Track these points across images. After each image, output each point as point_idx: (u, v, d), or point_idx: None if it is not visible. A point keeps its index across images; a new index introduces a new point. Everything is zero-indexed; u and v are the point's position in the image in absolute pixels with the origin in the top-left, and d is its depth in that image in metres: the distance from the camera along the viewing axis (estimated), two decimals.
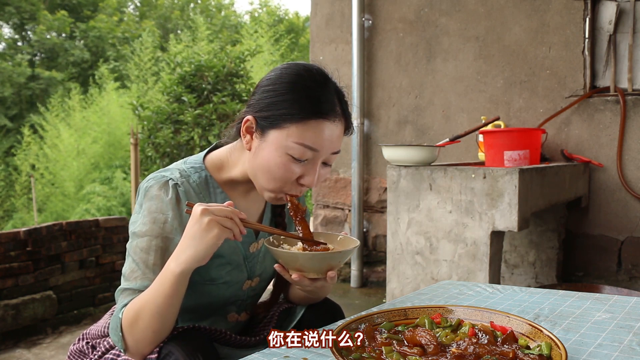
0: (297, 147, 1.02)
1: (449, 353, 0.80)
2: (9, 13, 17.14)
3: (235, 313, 1.23)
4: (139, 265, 1.04)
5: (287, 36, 15.26)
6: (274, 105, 1.04)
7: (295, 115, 1.02)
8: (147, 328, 0.99)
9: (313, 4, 4.07)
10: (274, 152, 1.04)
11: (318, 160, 1.06)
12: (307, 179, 1.06)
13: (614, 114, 3.03)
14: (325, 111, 1.05)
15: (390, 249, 2.34)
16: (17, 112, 16.04)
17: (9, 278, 2.98)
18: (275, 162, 1.04)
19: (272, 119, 1.04)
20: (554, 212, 3.01)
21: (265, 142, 1.05)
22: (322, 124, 1.04)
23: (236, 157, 1.14)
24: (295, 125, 1.02)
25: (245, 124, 1.08)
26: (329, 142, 1.06)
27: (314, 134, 1.03)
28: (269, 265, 1.24)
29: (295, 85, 1.04)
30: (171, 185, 1.07)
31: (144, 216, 1.05)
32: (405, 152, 2.31)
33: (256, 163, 1.07)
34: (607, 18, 3.07)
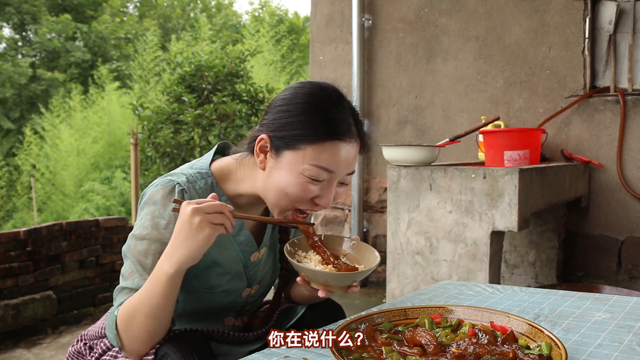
0: (313, 169, 1.02)
1: (449, 353, 0.80)
2: (9, 13, 17.14)
3: (232, 317, 1.23)
4: (136, 267, 1.04)
5: (288, 36, 15.27)
6: (289, 125, 1.03)
7: (310, 136, 1.01)
8: (142, 328, 0.99)
9: (313, 4, 4.07)
10: (290, 174, 1.03)
11: (334, 181, 1.06)
12: (323, 200, 1.06)
13: (614, 114, 3.03)
14: (341, 132, 1.04)
15: (390, 249, 2.34)
16: (19, 113, 16.05)
17: (9, 278, 2.98)
18: (292, 183, 1.03)
19: (288, 140, 1.03)
20: (554, 212, 3.01)
21: (280, 163, 1.04)
22: (338, 145, 1.03)
23: (245, 173, 1.12)
24: (311, 146, 1.01)
25: (259, 143, 1.06)
26: (345, 164, 1.05)
27: (329, 156, 1.02)
28: (269, 272, 1.24)
29: (310, 106, 1.04)
30: (177, 190, 1.06)
31: (145, 220, 1.05)
32: (405, 152, 2.31)
33: (270, 182, 1.06)
34: (607, 18, 3.07)
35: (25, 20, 17.65)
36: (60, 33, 17.47)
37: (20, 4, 16.93)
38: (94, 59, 17.40)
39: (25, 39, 18.44)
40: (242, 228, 1.15)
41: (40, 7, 17.34)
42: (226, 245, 1.12)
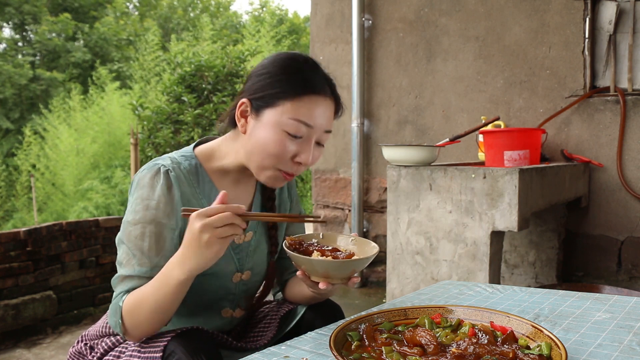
0: (292, 123, 1.06)
1: (449, 353, 0.80)
2: (9, 14, 17.14)
3: (229, 308, 1.23)
4: (134, 252, 1.06)
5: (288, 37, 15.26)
6: (268, 85, 1.08)
7: (289, 92, 1.07)
8: (146, 320, 1.02)
9: (313, 4, 4.07)
10: (270, 130, 1.07)
11: (312, 138, 1.09)
12: (303, 156, 1.09)
13: (614, 114, 3.03)
14: (318, 89, 1.09)
15: (390, 249, 2.34)
16: (19, 114, 16.04)
17: (9, 278, 2.98)
18: (271, 140, 1.07)
19: (267, 98, 1.08)
20: (554, 212, 3.01)
21: (260, 122, 1.08)
22: (316, 100, 1.08)
23: (227, 147, 1.17)
24: (290, 102, 1.06)
25: (240, 108, 1.11)
26: (322, 119, 1.10)
27: (307, 110, 1.07)
28: (261, 259, 1.25)
29: (288, 67, 1.09)
30: (163, 171, 1.09)
31: (136, 204, 1.07)
32: (405, 152, 2.30)
33: (252, 143, 1.10)
34: (607, 18, 3.07)
35: (26, 21, 17.65)
36: (60, 33, 17.46)
37: (21, 4, 16.92)
38: (94, 59, 17.40)
39: (26, 39, 18.43)
40: None
41: (41, 7, 17.34)
42: None
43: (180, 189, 1.10)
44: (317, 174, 4.11)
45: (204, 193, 1.14)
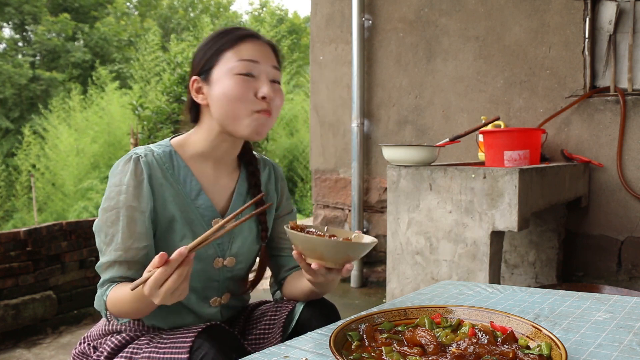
0: (239, 64, 1.13)
1: (449, 353, 0.80)
2: (9, 14, 17.13)
3: (216, 297, 1.25)
4: (109, 238, 1.10)
5: (288, 37, 15.26)
6: (207, 51, 1.17)
7: (226, 43, 1.15)
8: (127, 315, 1.10)
9: (313, 4, 4.07)
10: (225, 80, 1.13)
11: (263, 73, 1.15)
12: (263, 89, 1.13)
13: (614, 114, 3.03)
14: (251, 34, 1.18)
15: (390, 249, 2.34)
16: (18, 113, 16.04)
17: (9, 278, 2.98)
18: (229, 87, 1.12)
19: (210, 61, 1.15)
20: (554, 212, 3.01)
21: (214, 83, 1.14)
22: (252, 41, 1.17)
23: (199, 132, 1.21)
24: (230, 50, 1.14)
25: (193, 87, 1.18)
26: (265, 55, 1.17)
27: (248, 50, 1.15)
28: (246, 246, 1.26)
29: (220, 31, 1.19)
30: (133, 158, 1.13)
31: (109, 192, 1.12)
32: (405, 152, 2.30)
33: (216, 105, 1.14)
34: (607, 18, 3.07)
35: (26, 21, 17.64)
36: (60, 33, 17.45)
37: (21, 4, 16.92)
38: (94, 59, 17.39)
39: (26, 39, 18.43)
40: (200, 192, 1.19)
41: (41, 7, 17.34)
42: (185, 207, 1.17)
43: (151, 172, 1.13)
44: (317, 174, 4.11)
45: (179, 177, 1.17)
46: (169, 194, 1.14)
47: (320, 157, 4.09)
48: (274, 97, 1.16)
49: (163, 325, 1.21)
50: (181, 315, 1.21)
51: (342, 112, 3.96)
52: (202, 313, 1.23)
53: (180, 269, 0.92)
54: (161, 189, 1.14)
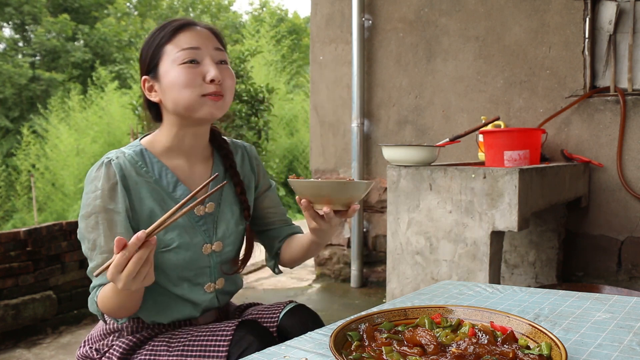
0: (181, 53, 1.14)
1: (449, 353, 0.80)
2: (9, 14, 17.13)
3: (210, 282, 1.26)
4: (93, 243, 1.13)
5: (288, 37, 15.26)
6: (149, 49, 1.19)
7: (164, 37, 1.17)
8: (118, 312, 1.11)
9: (313, 4, 4.07)
10: (171, 73, 1.15)
11: (206, 57, 1.16)
12: (210, 73, 1.15)
13: (614, 114, 3.03)
14: (187, 23, 1.19)
15: (390, 249, 2.34)
16: (19, 113, 16.04)
17: (9, 278, 2.98)
18: (177, 76, 1.14)
19: (154, 57, 1.18)
20: (554, 212, 3.01)
21: (162, 77, 1.17)
22: (189, 28, 1.18)
23: (163, 129, 1.23)
24: (170, 43, 1.16)
25: (144, 86, 1.21)
26: (204, 39, 1.18)
27: (186, 38, 1.16)
28: (230, 229, 1.27)
29: (155, 28, 1.21)
30: (105, 162, 1.15)
31: (86, 199, 1.14)
32: (405, 152, 2.30)
33: (169, 97, 1.16)
34: (607, 18, 3.07)
35: (26, 21, 17.64)
36: (60, 33, 17.45)
37: (21, 4, 16.92)
38: (94, 59, 17.39)
39: (26, 39, 18.43)
40: (178, 183, 1.21)
41: (40, 7, 17.34)
42: (164, 200, 1.18)
43: (124, 173, 1.15)
44: (317, 174, 4.11)
45: (154, 172, 1.19)
46: (145, 190, 1.16)
47: (320, 157, 4.09)
48: (223, 78, 1.17)
49: (163, 320, 1.22)
50: (178, 306, 1.23)
51: (342, 112, 3.96)
52: (199, 300, 1.24)
53: (139, 253, 0.93)
54: (136, 187, 1.16)
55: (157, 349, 1.16)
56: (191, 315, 1.24)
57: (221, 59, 1.19)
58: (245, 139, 7.20)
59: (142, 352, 1.17)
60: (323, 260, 4.17)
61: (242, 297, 3.80)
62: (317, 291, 3.94)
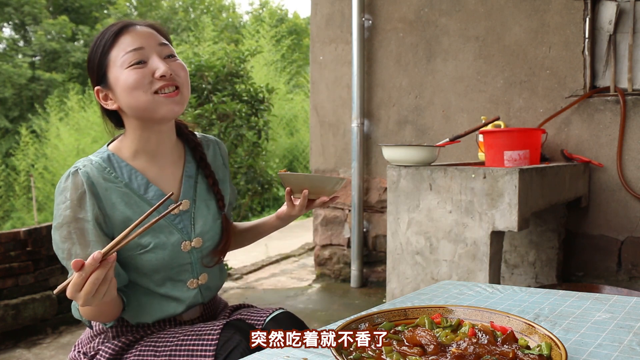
0: (126, 56, 1.14)
1: (449, 353, 0.80)
2: (9, 14, 17.14)
3: (192, 279, 1.26)
4: (67, 253, 1.13)
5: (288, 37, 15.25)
6: (95, 58, 1.18)
7: (106, 44, 1.16)
8: (100, 318, 1.14)
9: (313, 4, 4.07)
10: (121, 78, 1.14)
11: (152, 54, 1.16)
12: (160, 70, 1.14)
13: (614, 114, 3.03)
14: (124, 26, 1.18)
15: (390, 249, 2.34)
16: (18, 113, 16.04)
17: (9, 278, 2.98)
18: (127, 79, 1.13)
19: (101, 67, 1.17)
20: (554, 212, 3.01)
21: (113, 84, 1.16)
22: (129, 30, 1.17)
23: (127, 136, 1.23)
24: (113, 49, 1.15)
25: (98, 96, 1.20)
26: (146, 38, 1.17)
27: (128, 41, 1.15)
28: (208, 224, 1.27)
29: (96, 37, 1.20)
30: (72, 172, 1.15)
31: (56, 211, 1.14)
32: (405, 152, 2.30)
33: (123, 102, 1.16)
34: (607, 18, 3.07)
35: (26, 21, 17.64)
36: (60, 34, 17.46)
37: (21, 5, 16.92)
38: None
39: (26, 39, 18.44)
40: (149, 185, 1.21)
41: (40, 8, 17.34)
42: (137, 203, 1.18)
43: (92, 180, 1.14)
44: (317, 173, 4.11)
45: (124, 177, 1.19)
46: (116, 195, 1.16)
47: (320, 157, 4.09)
48: (174, 71, 1.16)
49: (148, 320, 1.22)
50: (162, 305, 1.22)
51: (342, 112, 3.96)
52: (182, 297, 1.24)
53: (96, 273, 0.93)
54: (107, 193, 1.15)
55: (144, 353, 1.16)
56: (175, 312, 1.24)
57: (168, 54, 1.18)
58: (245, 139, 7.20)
59: (130, 356, 1.17)
60: (323, 260, 4.17)
61: (242, 297, 3.80)
62: (317, 291, 3.94)
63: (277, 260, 5.12)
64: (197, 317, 1.29)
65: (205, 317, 1.32)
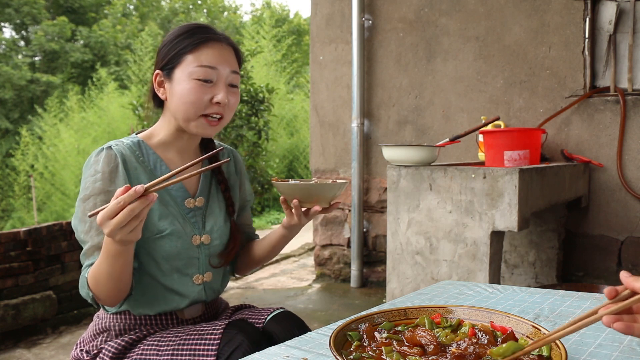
0: (198, 70, 1.19)
1: (449, 353, 0.80)
2: (9, 14, 17.14)
3: (198, 274, 1.28)
4: (89, 225, 1.14)
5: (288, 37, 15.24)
6: (170, 50, 1.22)
7: (188, 46, 1.20)
8: (107, 289, 1.10)
9: (313, 4, 4.07)
10: (183, 83, 1.19)
11: (221, 79, 1.22)
12: (218, 96, 1.20)
13: (614, 114, 3.03)
14: (212, 37, 1.23)
15: (390, 249, 2.34)
16: (19, 114, 16.04)
17: (9, 278, 2.98)
18: (186, 90, 1.19)
19: (173, 60, 1.21)
20: (554, 212, 3.01)
21: (175, 81, 1.21)
22: (212, 45, 1.22)
23: (161, 123, 1.28)
24: (192, 54, 1.20)
25: (156, 80, 1.25)
26: (224, 60, 1.22)
27: (207, 56, 1.20)
28: (218, 224, 1.31)
29: (183, 30, 1.24)
30: (105, 148, 1.19)
31: (84, 183, 1.17)
32: (405, 152, 2.30)
33: (174, 102, 1.21)
34: (607, 18, 3.07)
35: (26, 21, 17.65)
36: (60, 34, 17.46)
37: (21, 5, 16.93)
38: (94, 59, 17.39)
39: (26, 40, 18.45)
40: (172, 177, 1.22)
41: (40, 9, 17.34)
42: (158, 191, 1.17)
43: (124, 158, 1.19)
44: (317, 174, 4.11)
45: (150, 163, 1.24)
46: (144, 177, 1.21)
47: (320, 157, 4.09)
48: (230, 102, 1.24)
49: (150, 312, 1.24)
50: (166, 298, 1.24)
51: (342, 112, 3.96)
52: (187, 292, 1.26)
53: (134, 204, 0.95)
54: (136, 172, 1.20)
55: (147, 352, 1.17)
56: (177, 307, 1.26)
57: (233, 83, 1.24)
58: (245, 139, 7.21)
59: (133, 355, 1.17)
60: (323, 260, 4.17)
61: (242, 297, 3.80)
62: (317, 291, 3.94)
63: (277, 260, 5.12)
64: (198, 316, 1.30)
65: (207, 316, 1.33)
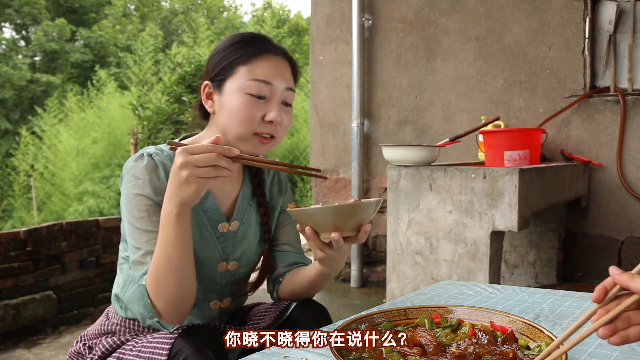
0: (252, 84, 1.11)
1: (449, 353, 0.80)
2: (9, 14, 17.15)
3: (217, 300, 1.23)
4: (141, 230, 1.07)
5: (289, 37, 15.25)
6: (222, 59, 1.14)
7: (242, 57, 1.12)
8: (169, 285, 1.01)
9: (313, 4, 4.07)
10: (234, 97, 1.11)
11: (275, 95, 1.13)
12: (271, 114, 1.12)
13: (614, 114, 3.03)
14: (269, 50, 1.15)
15: (390, 249, 2.34)
16: (19, 115, 16.04)
17: (9, 278, 2.97)
18: (237, 105, 1.11)
19: (224, 71, 1.13)
20: (554, 212, 3.01)
21: (225, 94, 1.13)
22: (268, 58, 1.14)
23: (206, 135, 1.20)
24: (245, 66, 1.12)
25: (204, 91, 1.17)
26: (279, 75, 1.14)
27: (263, 69, 1.12)
28: (249, 250, 1.25)
29: (237, 39, 1.16)
30: (145, 154, 1.13)
31: (126, 188, 1.10)
32: (405, 152, 2.30)
33: (223, 117, 1.13)
34: (607, 18, 3.07)
35: (26, 22, 17.65)
36: (60, 35, 17.47)
37: (21, 5, 16.93)
38: (94, 59, 17.39)
39: (26, 40, 18.45)
40: (208, 195, 1.18)
41: (40, 9, 17.34)
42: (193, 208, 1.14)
43: (165, 169, 1.12)
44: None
45: None
46: None
47: (320, 157, 4.09)
48: (283, 121, 1.15)
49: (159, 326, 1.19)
50: None
51: (342, 112, 3.96)
52: (201, 316, 1.22)
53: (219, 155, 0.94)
54: None
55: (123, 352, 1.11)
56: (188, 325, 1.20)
57: (286, 100, 1.16)
58: None
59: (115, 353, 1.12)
60: None
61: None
62: None
63: None
64: None
65: None
